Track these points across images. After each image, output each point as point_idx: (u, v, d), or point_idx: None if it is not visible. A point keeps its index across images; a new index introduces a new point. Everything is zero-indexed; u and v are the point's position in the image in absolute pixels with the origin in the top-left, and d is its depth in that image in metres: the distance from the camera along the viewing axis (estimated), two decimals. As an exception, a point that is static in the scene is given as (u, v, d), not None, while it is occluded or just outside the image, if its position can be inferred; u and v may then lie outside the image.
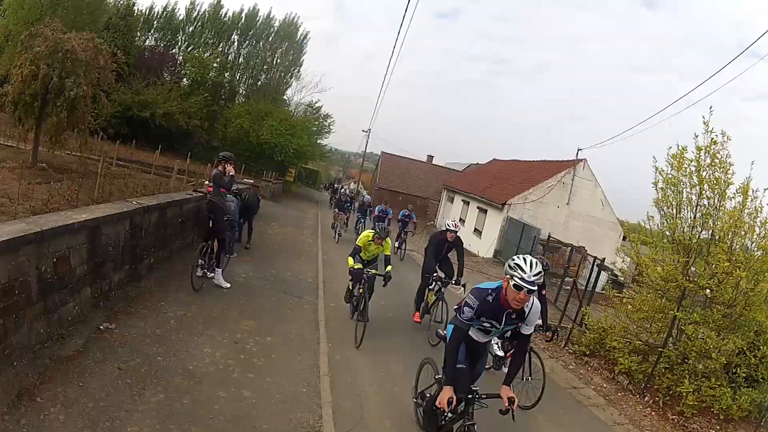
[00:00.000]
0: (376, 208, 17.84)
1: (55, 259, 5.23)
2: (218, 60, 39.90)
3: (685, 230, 9.43)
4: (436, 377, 4.99)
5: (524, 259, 4.08)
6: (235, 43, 42.36)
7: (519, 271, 4.02)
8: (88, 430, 4.01)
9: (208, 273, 8.73)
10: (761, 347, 8.16)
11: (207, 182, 9.15)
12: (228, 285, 8.92)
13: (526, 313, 4.37)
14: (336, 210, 19.30)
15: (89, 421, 4.11)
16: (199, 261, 8.44)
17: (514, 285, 4.03)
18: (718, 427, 7.73)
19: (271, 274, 10.75)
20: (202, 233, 9.53)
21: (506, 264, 4.15)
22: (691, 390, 7.82)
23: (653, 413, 7.90)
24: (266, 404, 5.29)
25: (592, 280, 11.76)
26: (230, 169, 8.70)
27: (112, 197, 7.60)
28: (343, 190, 24.92)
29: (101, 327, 5.87)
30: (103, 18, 33.61)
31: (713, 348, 8.08)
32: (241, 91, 43.06)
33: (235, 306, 8.10)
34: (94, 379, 4.75)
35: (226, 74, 41.23)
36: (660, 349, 8.47)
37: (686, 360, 8.49)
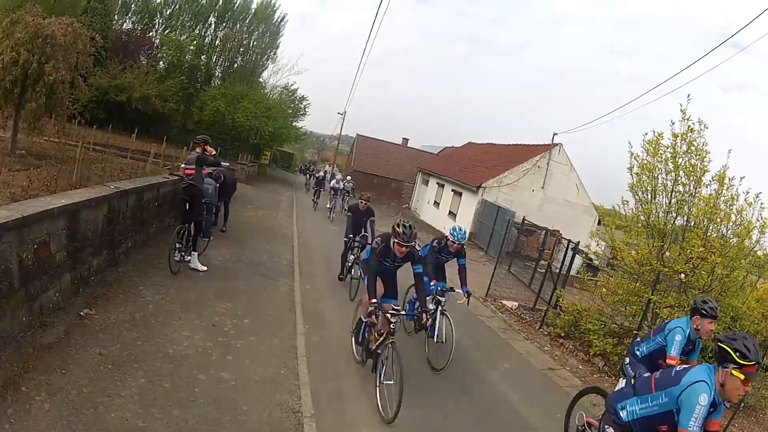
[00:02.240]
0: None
1: (35, 246, 5.12)
2: (195, 42, 38.92)
3: (660, 215, 9.42)
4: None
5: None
6: (212, 26, 41.25)
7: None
8: (73, 417, 3.97)
9: (185, 256, 8.66)
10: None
11: (183, 165, 9.00)
12: (204, 268, 8.84)
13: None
14: (351, 236, 9.97)
15: (74, 408, 4.07)
16: (177, 244, 8.33)
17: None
18: (695, 410, 7.70)
19: (247, 256, 10.70)
20: (178, 216, 9.42)
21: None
22: (667, 373, 7.86)
23: (629, 395, 7.98)
24: (246, 386, 5.30)
25: (567, 263, 11.78)
26: (210, 150, 8.64)
27: (90, 182, 7.46)
28: (341, 186, 22.89)
29: (81, 313, 5.78)
30: (82, 2, 32.45)
31: (688, 332, 8.12)
32: (217, 74, 42.04)
33: (212, 289, 8.04)
34: (77, 365, 4.69)
35: (203, 57, 40.24)
36: (635, 332, 8.44)
37: (662, 343, 8.56)
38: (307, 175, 32.46)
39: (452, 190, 27.15)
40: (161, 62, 37.30)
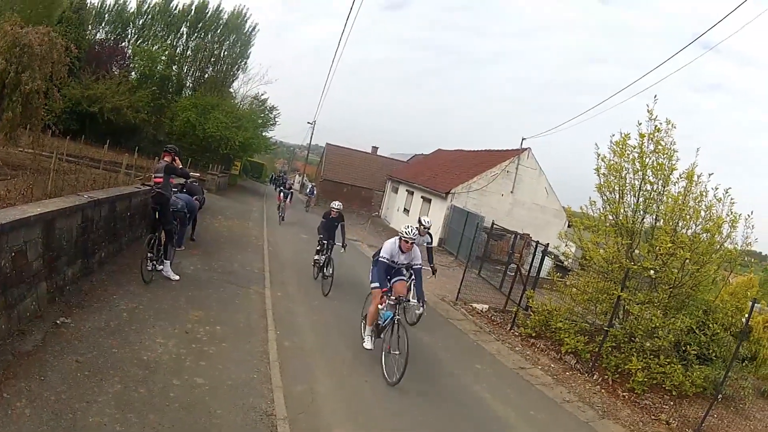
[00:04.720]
0: None
1: (13, 253, 5.13)
2: (167, 53, 38.40)
3: (628, 214, 9.50)
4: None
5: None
6: (184, 36, 40.57)
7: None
8: (53, 422, 4.02)
9: (158, 265, 8.65)
10: (711, 325, 8.35)
11: (154, 175, 9.03)
12: (177, 277, 8.85)
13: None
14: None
15: (53, 413, 4.12)
16: (148, 254, 8.32)
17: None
18: (671, 403, 7.81)
19: (219, 265, 10.71)
20: (149, 226, 9.42)
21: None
22: (640, 367, 7.91)
23: (603, 390, 8.05)
24: (219, 391, 5.37)
25: (537, 265, 11.85)
26: (178, 162, 8.68)
27: (64, 192, 7.44)
28: (403, 258, 8.02)
29: (58, 322, 5.78)
30: (57, 11, 31.79)
31: (660, 327, 8.17)
32: (188, 84, 41.40)
33: (184, 297, 8.06)
34: (55, 372, 4.73)
35: (174, 67, 39.59)
36: (606, 329, 8.59)
37: (633, 339, 8.60)
38: (279, 190, 24.30)
39: (422, 197, 27.08)
40: (133, 73, 36.67)
